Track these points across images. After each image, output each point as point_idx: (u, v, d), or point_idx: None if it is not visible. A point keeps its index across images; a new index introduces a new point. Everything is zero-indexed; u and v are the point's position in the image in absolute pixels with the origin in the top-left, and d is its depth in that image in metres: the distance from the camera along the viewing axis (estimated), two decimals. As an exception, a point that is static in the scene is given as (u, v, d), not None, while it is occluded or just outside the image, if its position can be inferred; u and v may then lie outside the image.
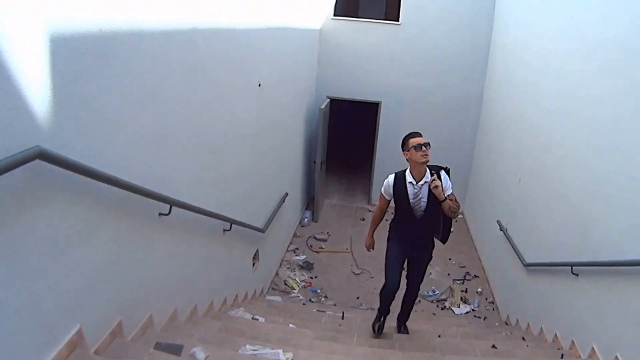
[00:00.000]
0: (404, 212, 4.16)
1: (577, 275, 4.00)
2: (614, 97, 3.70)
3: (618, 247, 3.41)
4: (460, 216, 9.30)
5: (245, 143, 4.78)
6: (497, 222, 6.53)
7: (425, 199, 4.04)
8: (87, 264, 2.26)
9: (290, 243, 7.99)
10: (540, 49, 5.65)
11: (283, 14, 5.77)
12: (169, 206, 3.01)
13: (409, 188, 4.05)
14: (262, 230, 5.55)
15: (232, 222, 4.34)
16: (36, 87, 1.78)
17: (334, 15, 8.87)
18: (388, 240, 4.46)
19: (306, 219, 8.82)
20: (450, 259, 7.69)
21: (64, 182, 2.01)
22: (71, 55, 1.95)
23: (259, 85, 4.93)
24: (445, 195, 3.95)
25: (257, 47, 4.82)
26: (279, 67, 5.90)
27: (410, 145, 3.93)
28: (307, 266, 7.28)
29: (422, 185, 4.01)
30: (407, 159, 4.04)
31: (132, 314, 2.81)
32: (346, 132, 13.46)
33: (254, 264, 5.65)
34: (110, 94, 2.28)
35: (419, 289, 4.63)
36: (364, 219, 9.12)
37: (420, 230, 4.22)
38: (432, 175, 3.96)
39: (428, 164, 3.97)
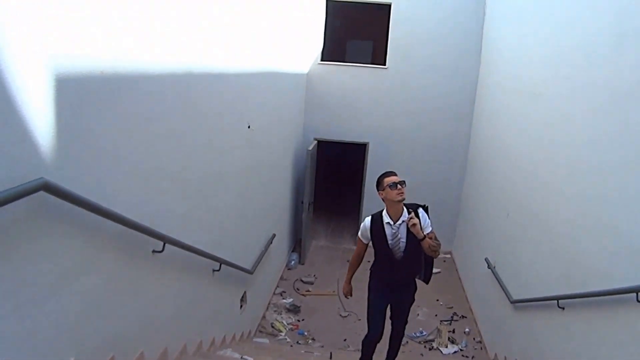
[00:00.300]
0: (384, 254, 4.06)
1: (563, 308, 4.07)
2: (599, 136, 3.81)
3: (603, 279, 3.49)
4: (448, 256, 9.37)
5: (234, 183, 4.85)
6: (485, 259, 6.58)
7: (404, 239, 3.95)
8: (83, 297, 2.29)
9: (277, 286, 7.95)
10: (527, 89, 5.80)
11: (272, 58, 5.97)
12: (162, 243, 3.05)
13: (387, 229, 3.98)
14: (250, 272, 5.56)
15: (221, 262, 4.36)
16: (41, 122, 1.86)
17: (322, 60, 9.12)
18: (369, 288, 4.35)
19: (293, 262, 8.79)
20: (437, 300, 7.70)
21: (65, 215, 2.07)
22: (74, 93, 2.05)
23: (249, 127, 5.04)
24: (424, 233, 3.87)
25: (247, 90, 4.97)
26: (268, 110, 6.05)
27: (385, 184, 3.89)
28: (294, 309, 7.24)
29: (400, 225, 3.94)
30: (382, 199, 3.99)
31: (124, 349, 2.81)
32: (334, 173, 13.49)
33: (241, 306, 5.63)
34: (110, 131, 2.38)
35: (404, 330, 4.51)
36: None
37: (401, 272, 4.11)
38: (409, 213, 3.91)
39: (405, 202, 3.93)
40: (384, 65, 8.98)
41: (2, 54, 1.62)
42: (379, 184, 3.99)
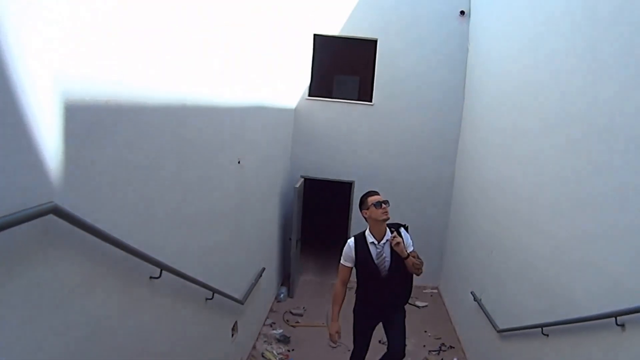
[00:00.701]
0: (370, 274, 4.11)
1: (547, 335, 4.16)
2: (576, 176, 3.97)
3: (583, 306, 3.62)
4: (435, 291, 9.44)
5: (226, 217, 4.93)
6: (471, 293, 6.70)
7: (388, 258, 4.03)
8: (84, 317, 2.35)
9: (267, 317, 7.95)
10: (507, 128, 5.99)
11: (262, 93, 6.13)
12: (159, 270, 3.12)
13: (372, 248, 4.05)
14: (241, 302, 5.60)
15: (214, 291, 4.41)
16: (50, 150, 1.97)
17: (309, 95, 9.18)
18: (354, 312, 4.41)
19: (282, 295, 8.81)
20: (425, 331, 7.75)
21: (71, 239, 2.16)
22: (81, 122, 2.17)
23: (239, 162, 5.16)
24: (408, 252, 3.95)
25: (238, 127, 5.09)
26: (257, 146, 6.17)
27: (369, 203, 3.98)
28: (284, 339, 7.24)
29: (384, 244, 4.01)
30: (365, 218, 4.07)
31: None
32: (323, 207, 13.42)
33: (232, 335, 5.64)
34: (113, 160, 2.49)
35: (404, 351, 4.35)
36: (339, 294, 9.10)
37: (387, 289, 4.15)
38: (392, 233, 3.99)
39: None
40: (371, 101, 9.12)
41: (17, 83, 1.75)
42: (363, 203, 4.08)
